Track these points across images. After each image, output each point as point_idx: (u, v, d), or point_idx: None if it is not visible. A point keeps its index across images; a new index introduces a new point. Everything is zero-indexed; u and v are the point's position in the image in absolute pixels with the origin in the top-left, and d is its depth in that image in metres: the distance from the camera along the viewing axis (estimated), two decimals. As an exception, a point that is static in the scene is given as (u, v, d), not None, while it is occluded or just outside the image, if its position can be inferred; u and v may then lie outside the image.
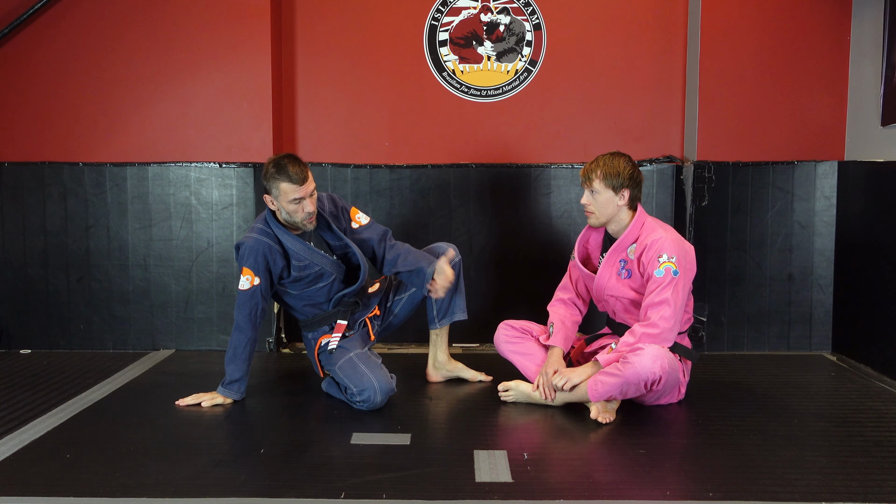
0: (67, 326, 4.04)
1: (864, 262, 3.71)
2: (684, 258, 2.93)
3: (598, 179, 2.99)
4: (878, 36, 3.64)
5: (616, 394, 2.86)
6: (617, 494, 2.26)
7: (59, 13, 3.96)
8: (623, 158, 3.02)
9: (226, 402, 3.10)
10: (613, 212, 3.02)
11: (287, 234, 3.10)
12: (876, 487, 2.30)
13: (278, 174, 3.00)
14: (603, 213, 3.02)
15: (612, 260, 3.05)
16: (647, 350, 2.80)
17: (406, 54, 4.14)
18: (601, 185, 2.99)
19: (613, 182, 2.98)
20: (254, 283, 3.07)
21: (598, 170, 2.99)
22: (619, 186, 2.98)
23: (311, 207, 3.05)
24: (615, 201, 3.00)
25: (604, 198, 3.00)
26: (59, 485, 2.33)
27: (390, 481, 2.35)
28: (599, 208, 3.02)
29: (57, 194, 4.00)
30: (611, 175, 2.97)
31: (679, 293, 2.89)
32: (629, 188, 2.99)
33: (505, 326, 3.29)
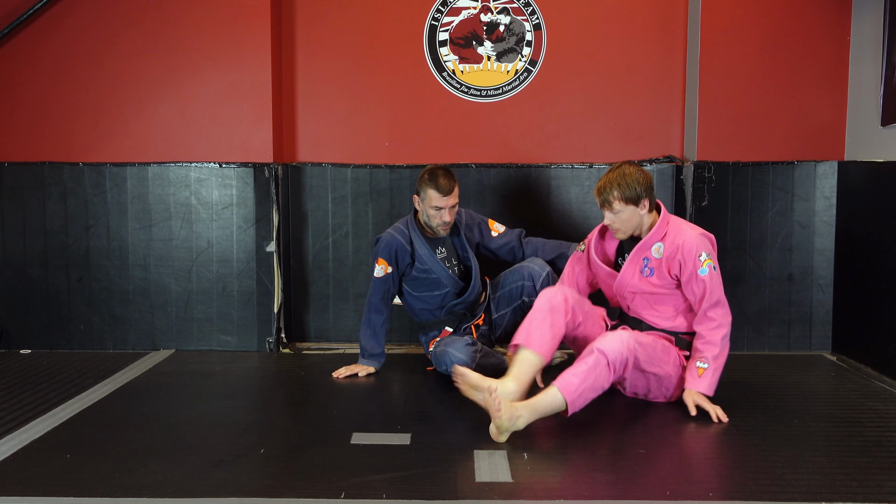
0: (67, 326, 4.04)
1: (864, 262, 3.71)
2: (714, 251, 3.02)
3: (617, 201, 2.97)
4: (878, 36, 3.64)
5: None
6: (617, 494, 2.26)
7: (59, 13, 3.96)
8: (633, 168, 3.00)
9: (371, 371, 3.51)
10: (638, 222, 3.03)
11: (419, 238, 3.50)
12: (876, 487, 2.30)
13: (430, 181, 3.39)
14: (629, 228, 3.04)
15: (637, 258, 3.05)
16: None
17: (406, 54, 4.14)
18: (621, 205, 2.97)
19: (632, 196, 2.96)
20: (387, 271, 3.50)
21: (614, 191, 2.96)
22: (639, 198, 2.97)
23: (448, 218, 3.43)
24: (638, 213, 3.00)
25: (626, 214, 2.99)
26: (59, 485, 2.33)
27: (390, 481, 2.35)
28: (625, 225, 3.02)
29: (57, 194, 4.00)
30: (628, 191, 2.96)
31: (721, 285, 3.00)
32: (647, 196, 2.99)
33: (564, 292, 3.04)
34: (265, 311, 4.00)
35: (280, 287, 4.01)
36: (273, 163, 3.96)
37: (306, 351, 4.04)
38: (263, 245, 3.98)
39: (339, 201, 4.14)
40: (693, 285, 2.98)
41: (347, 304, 4.16)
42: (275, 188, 3.96)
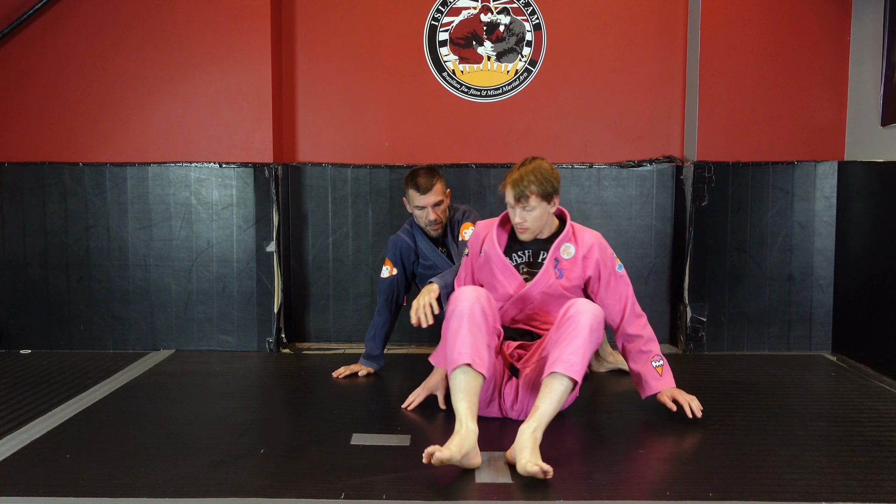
0: (67, 326, 4.04)
1: (864, 262, 3.71)
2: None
3: (534, 196, 2.78)
4: (878, 36, 3.64)
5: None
6: (617, 494, 2.26)
7: (59, 14, 3.96)
8: (547, 163, 2.84)
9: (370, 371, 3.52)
10: (546, 222, 2.89)
11: (422, 236, 3.50)
12: (876, 487, 2.30)
13: (410, 181, 3.41)
14: (537, 227, 2.87)
15: (551, 259, 2.87)
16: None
17: (406, 54, 4.14)
18: (537, 201, 2.79)
19: (548, 192, 2.80)
20: (392, 273, 3.49)
21: (532, 185, 2.76)
22: (552, 195, 2.82)
23: (433, 216, 3.40)
24: (548, 211, 2.86)
25: (539, 212, 2.82)
26: (59, 485, 2.32)
27: (390, 482, 2.35)
28: (535, 224, 2.85)
29: (57, 194, 4.00)
30: (546, 186, 2.78)
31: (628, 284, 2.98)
32: (557, 193, 2.85)
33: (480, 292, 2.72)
34: (265, 311, 4.00)
35: (280, 287, 4.01)
36: (273, 163, 3.96)
37: (306, 351, 4.04)
38: (263, 245, 3.98)
39: (339, 201, 4.14)
40: (616, 284, 2.91)
41: (347, 304, 4.16)
42: (275, 188, 3.96)
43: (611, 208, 4.11)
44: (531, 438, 2.39)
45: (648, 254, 4.13)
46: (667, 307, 4.16)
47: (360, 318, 4.15)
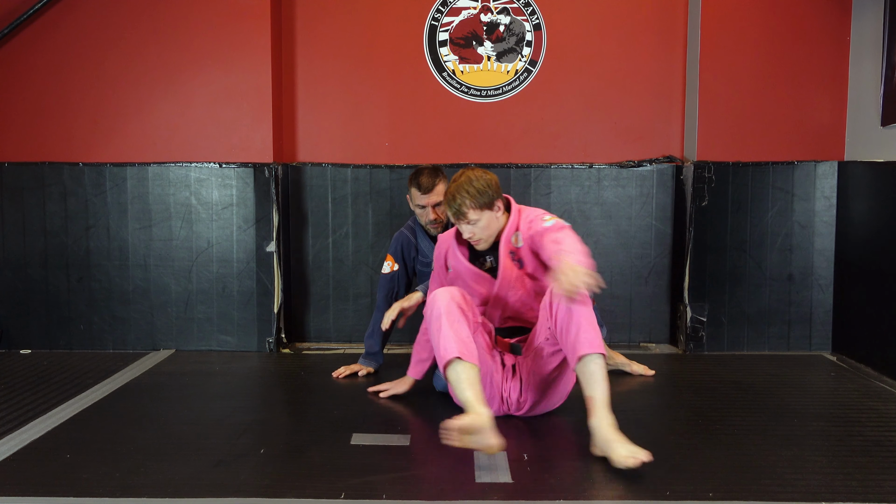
0: (67, 326, 4.04)
1: (864, 262, 3.71)
2: (564, 226, 2.77)
3: (471, 210, 2.75)
4: (878, 36, 3.64)
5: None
6: (617, 494, 2.26)
7: (59, 14, 3.96)
8: (477, 172, 2.80)
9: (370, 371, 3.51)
10: (497, 226, 2.83)
11: (423, 234, 3.52)
12: (876, 487, 2.30)
13: (413, 179, 3.44)
14: (490, 235, 2.83)
15: (505, 254, 2.83)
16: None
17: (406, 54, 4.14)
18: (476, 213, 2.76)
19: (485, 201, 2.76)
20: (393, 269, 3.50)
21: (466, 200, 2.73)
22: (492, 201, 2.78)
23: (433, 216, 3.41)
24: (495, 216, 2.81)
25: (485, 221, 2.78)
26: (59, 485, 2.33)
27: (390, 481, 2.35)
28: (485, 232, 2.81)
29: (57, 194, 4.00)
30: (481, 197, 2.75)
31: (570, 232, 2.71)
32: (498, 196, 2.80)
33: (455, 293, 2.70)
34: (265, 311, 4.00)
35: (280, 287, 4.01)
36: (273, 163, 3.96)
37: (306, 351, 4.04)
38: (263, 245, 3.98)
39: (339, 201, 4.14)
40: (547, 236, 2.70)
41: (347, 304, 4.16)
42: (275, 188, 3.96)
43: (611, 208, 4.11)
44: (611, 430, 2.43)
45: (648, 254, 4.13)
46: (667, 307, 4.16)
47: (360, 318, 4.14)
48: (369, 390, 3.27)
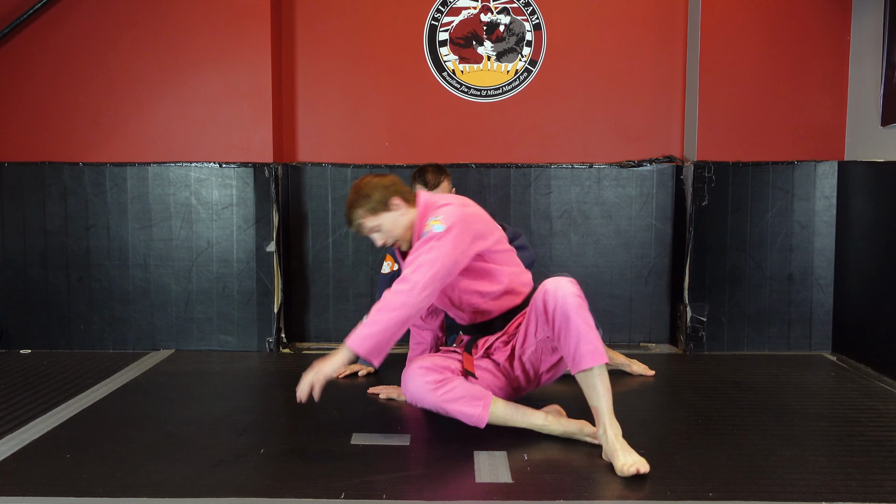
0: (67, 326, 4.04)
1: (864, 262, 3.71)
2: (456, 214, 2.62)
3: (365, 218, 2.69)
4: (878, 36, 3.64)
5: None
6: (617, 494, 2.26)
7: (59, 13, 3.96)
8: (367, 178, 2.75)
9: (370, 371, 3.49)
10: (404, 223, 2.72)
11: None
12: (876, 487, 2.30)
13: (417, 177, 3.43)
14: (398, 234, 2.74)
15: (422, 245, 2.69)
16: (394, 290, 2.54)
17: (406, 54, 4.14)
18: (372, 219, 2.70)
19: (376, 205, 2.69)
20: (393, 269, 3.48)
21: (357, 210, 2.69)
22: (386, 201, 2.69)
23: None
24: (395, 216, 2.71)
25: (387, 224, 2.71)
26: (59, 485, 2.32)
27: (390, 481, 2.35)
28: (392, 234, 2.73)
29: (57, 194, 4.00)
30: (370, 202, 2.68)
31: (436, 250, 2.54)
32: (395, 194, 2.70)
33: (422, 371, 2.71)
34: (265, 311, 4.00)
35: (280, 287, 4.01)
36: (273, 163, 3.96)
37: (306, 351, 4.04)
38: (263, 245, 3.98)
39: (339, 201, 4.14)
40: (419, 250, 2.60)
41: (347, 304, 4.16)
42: (275, 188, 3.96)
43: (611, 208, 4.11)
44: (616, 439, 2.46)
45: (648, 254, 4.13)
46: (667, 307, 4.16)
47: (360, 318, 4.12)
48: (369, 391, 3.27)
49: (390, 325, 2.51)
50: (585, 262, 4.10)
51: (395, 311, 2.51)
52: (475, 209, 2.78)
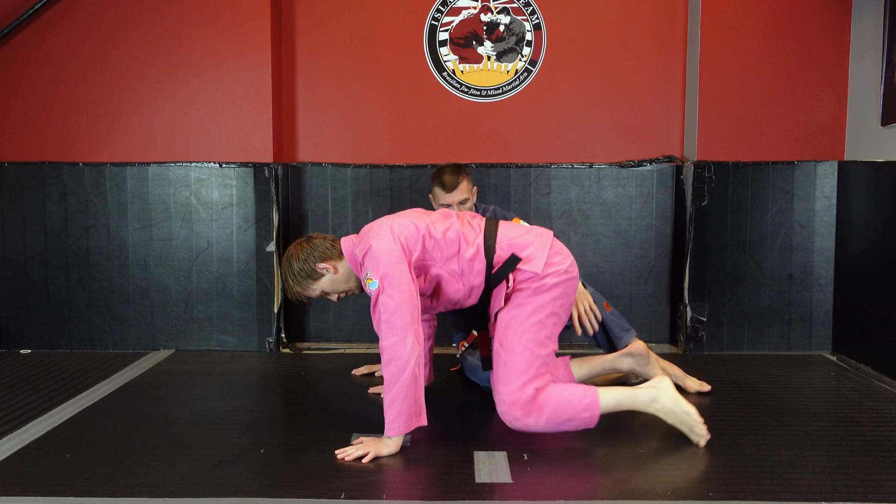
0: (67, 326, 4.04)
1: (864, 262, 3.71)
2: (377, 257, 2.57)
3: (305, 292, 2.75)
4: (878, 36, 3.64)
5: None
6: (617, 494, 2.26)
7: (59, 13, 3.96)
8: (291, 250, 2.75)
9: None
10: (342, 275, 2.74)
11: None
12: (876, 487, 2.30)
13: (435, 177, 3.39)
14: (344, 287, 2.77)
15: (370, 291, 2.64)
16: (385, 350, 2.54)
17: (406, 54, 4.14)
18: (312, 289, 2.75)
19: (304, 281, 2.73)
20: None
21: (293, 290, 2.75)
22: (310, 275, 2.72)
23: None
24: (328, 278, 2.74)
25: (326, 286, 2.75)
26: (59, 485, 2.33)
27: (390, 481, 2.35)
28: (337, 289, 2.77)
29: (57, 194, 4.00)
30: (298, 284, 2.73)
31: (391, 300, 2.52)
32: (313, 262, 2.71)
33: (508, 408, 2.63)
34: (265, 311, 4.00)
35: (280, 287, 4.01)
36: (273, 163, 3.96)
37: (306, 351, 4.04)
38: (263, 245, 3.99)
39: (339, 201, 4.14)
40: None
41: (348, 303, 4.16)
42: (275, 188, 3.96)
43: (611, 208, 4.11)
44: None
45: (648, 254, 4.13)
46: (667, 307, 4.16)
47: (360, 318, 4.15)
48: (370, 391, 3.27)
49: (405, 389, 2.52)
50: (585, 262, 4.10)
51: (399, 375, 2.51)
52: (393, 223, 2.66)
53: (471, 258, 2.67)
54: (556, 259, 2.69)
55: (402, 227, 2.65)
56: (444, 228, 2.69)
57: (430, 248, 2.67)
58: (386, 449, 2.55)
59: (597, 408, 2.59)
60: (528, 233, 2.74)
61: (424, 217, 2.74)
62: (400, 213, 2.78)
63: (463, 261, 2.68)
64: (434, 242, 2.67)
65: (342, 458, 2.51)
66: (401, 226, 2.66)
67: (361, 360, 3.78)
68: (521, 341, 2.61)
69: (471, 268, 2.68)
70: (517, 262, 2.66)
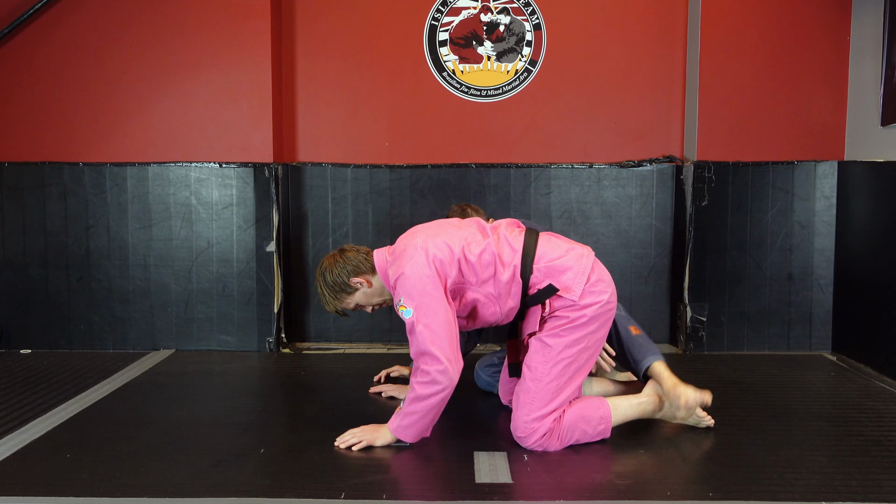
0: (67, 326, 4.04)
1: (864, 262, 3.71)
2: (412, 284, 2.52)
3: (340, 305, 2.76)
4: (878, 36, 3.64)
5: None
6: (617, 494, 2.26)
7: (59, 13, 3.96)
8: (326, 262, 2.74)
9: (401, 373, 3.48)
10: (375, 289, 2.73)
11: None
12: (876, 487, 2.30)
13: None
14: (378, 300, 2.77)
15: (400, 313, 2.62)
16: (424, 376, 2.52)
17: (406, 54, 4.14)
18: (347, 302, 2.75)
19: (339, 295, 2.73)
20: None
21: (329, 304, 2.75)
22: (344, 289, 2.71)
23: None
24: (362, 291, 2.73)
25: (361, 300, 2.75)
26: (59, 485, 2.33)
27: (390, 481, 2.35)
28: (371, 302, 2.77)
29: (57, 194, 4.00)
30: (334, 290, 2.72)
31: (427, 329, 2.48)
32: (347, 277, 2.69)
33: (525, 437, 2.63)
34: (265, 311, 4.00)
35: (280, 287, 4.01)
36: (273, 163, 3.96)
37: (306, 351, 4.04)
38: (263, 245, 3.99)
39: (339, 201, 4.14)
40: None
41: (347, 304, 4.15)
42: (275, 188, 3.96)
43: (611, 208, 4.11)
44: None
45: (648, 254, 4.13)
46: (667, 307, 4.16)
47: (360, 318, 4.15)
48: (371, 390, 3.27)
49: (428, 409, 2.54)
50: (585, 262, 4.09)
51: (431, 397, 2.51)
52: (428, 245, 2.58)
53: (507, 281, 2.60)
54: (596, 288, 2.59)
55: (437, 250, 2.56)
56: (480, 251, 2.59)
57: (466, 272, 2.59)
58: (380, 440, 2.60)
59: (609, 425, 2.68)
60: (568, 253, 2.62)
61: (459, 234, 2.63)
62: (435, 229, 2.68)
63: (500, 283, 2.61)
64: (469, 266, 2.58)
65: (338, 446, 2.59)
66: (436, 247, 2.56)
67: (361, 359, 3.78)
68: (551, 374, 2.58)
69: (508, 290, 2.61)
70: (555, 292, 2.59)
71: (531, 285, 2.60)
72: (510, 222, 2.78)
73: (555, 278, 2.58)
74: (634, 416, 2.76)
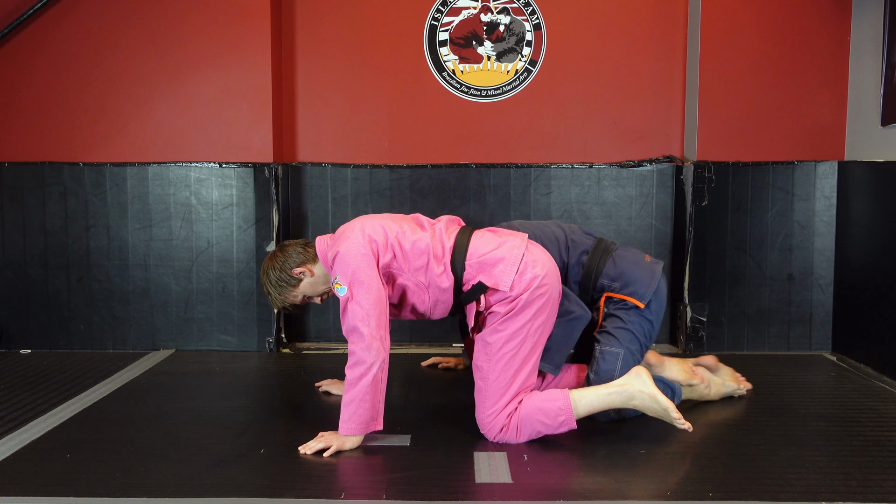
0: (67, 326, 4.04)
1: (863, 262, 3.71)
2: (347, 262, 2.59)
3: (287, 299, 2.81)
4: (878, 36, 3.64)
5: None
6: (617, 494, 2.26)
7: (59, 13, 3.96)
8: (267, 261, 2.81)
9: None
10: (319, 277, 2.80)
11: None
12: (876, 487, 2.30)
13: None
14: (323, 287, 2.82)
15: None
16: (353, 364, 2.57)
17: (406, 54, 4.14)
18: (293, 296, 2.81)
19: (285, 288, 2.79)
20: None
21: (275, 300, 2.81)
22: (289, 281, 2.78)
23: None
24: (307, 281, 2.79)
25: (307, 290, 2.81)
26: (59, 485, 2.33)
27: (390, 481, 2.35)
28: (318, 290, 2.82)
29: (57, 194, 4.00)
30: (279, 292, 2.79)
31: (358, 306, 2.54)
32: (290, 268, 2.77)
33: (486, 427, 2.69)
34: (265, 311, 4.00)
35: (280, 287, 4.00)
36: (273, 163, 3.96)
37: (306, 351, 4.04)
38: (263, 245, 3.98)
39: (339, 201, 4.14)
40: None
41: (347, 304, 4.15)
42: (275, 188, 3.96)
43: (611, 208, 4.11)
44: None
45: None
46: (667, 307, 4.15)
47: (360, 318, 4.14)
48: (316, 384, 3.31)
49: (362, 393, 2.55)
50: (585, 262, 4.09)
51: (360, 379, 2.54)
52: (365, 225, 2.67)
53: (439, 274, 2.66)
54: (527, 273, 2.62)
55: (374, 232, 2.65)
56: (415, 239, 2.67)
57: (399, 258, 2.66)
58: (348, 443, 2.59)
59: (571, 416, 2.62)
60: (500, 247, 2.68)
61: (396, 223, 2.72)
62: (374, 216, 2.77)
63: (431, 274, 2.67)
64: (403, 253, 2.66)
65: (304, 453, 2.55)
66: (372, 230, 2.66)
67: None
68: (495, 371, 2.63)
69: (438, 283, 2.67)
70: (485, 290, 2.64)
71: (465, 282, 2.67)
72: (450, 219, 2.85)
73: (486, 272, 2.64)
74: (603, 407, 2.66)
